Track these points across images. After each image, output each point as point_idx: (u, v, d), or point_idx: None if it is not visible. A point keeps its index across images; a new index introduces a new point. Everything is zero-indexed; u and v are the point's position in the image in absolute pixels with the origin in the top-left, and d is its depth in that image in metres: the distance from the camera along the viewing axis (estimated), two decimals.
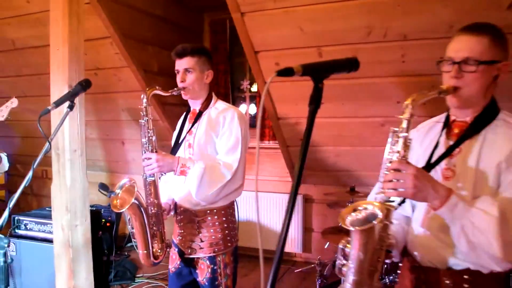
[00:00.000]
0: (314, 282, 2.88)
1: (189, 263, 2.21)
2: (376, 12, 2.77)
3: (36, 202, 5.57)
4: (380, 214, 1.17)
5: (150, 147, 2.08)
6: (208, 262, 2.15)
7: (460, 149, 1.35)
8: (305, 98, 3.60)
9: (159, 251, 2.17)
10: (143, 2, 3.78)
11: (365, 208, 1.21)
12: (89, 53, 3.84)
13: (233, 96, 4.89)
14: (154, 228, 2.15)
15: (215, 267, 2.15)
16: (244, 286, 3.77)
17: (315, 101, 1.01)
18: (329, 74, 1.04)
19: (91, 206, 4.05)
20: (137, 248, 2.15)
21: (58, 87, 2.64)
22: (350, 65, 1.09)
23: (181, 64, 2.17)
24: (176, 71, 2.20)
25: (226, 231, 2.18)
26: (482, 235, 1.20)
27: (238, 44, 4.70)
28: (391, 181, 1.24)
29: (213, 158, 2.14)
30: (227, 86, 4.75)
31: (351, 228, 1.17)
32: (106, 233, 3.73)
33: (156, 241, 2.16)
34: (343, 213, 1.21)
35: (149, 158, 2.05)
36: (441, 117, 1.49)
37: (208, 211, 2.15)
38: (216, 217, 2.16)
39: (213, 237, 2.15)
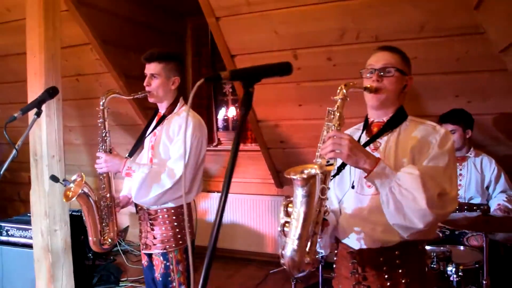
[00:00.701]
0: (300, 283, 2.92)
1: (149, 258, 2.31)
2: (348, 14, 2.82)
3: (23, 208, 5.57)
4: (319, 171, 1.28)
5: (104, 146, 2.24)
6: (161, 258, 2.24)
7: (379, 143, 1.58)
8: (284, 101, 3.66)
9: (110, 240, 2.29)
10: (123, 8, 3.82)
11: (308, 169, 1.30)
12: (70, 60, 3.89)
13: (215, 100, 4.92)
14: (106, 218, 2.27)
15: (168, 263, 2.23)
16: (228, 287, 3.81)
17: (245, 106, 1.04)
18: (260, 78, 1.07)
19: (76, 211, 4.09)
20: (87, 234, 2.28)
21: (36, 94, 2.65)
22: (282, 69, 1.12)
23: (148, 69, 2.25)
24: (144, 74, 2.28)
25: (177, 229, 2.25)
26: (408, 193, 1.37)
27: None
28: (328, 146, 1.39)
29: (164, 163, 2.21)
30: (210, 90, 4.79)
31: (296, 177, 1.26)
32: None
33: (107, 230, 2.28)
34: (289, 170, 1.30)
35: (100, 158, 2.20)
36: (360, 125, 1.74)
37: (159, 210, 2.24)
38: (167, 215, 2.24)
39: (164, 234, 2.23)
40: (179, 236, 2.26)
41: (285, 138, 3.83)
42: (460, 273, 2.21)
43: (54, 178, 2.30)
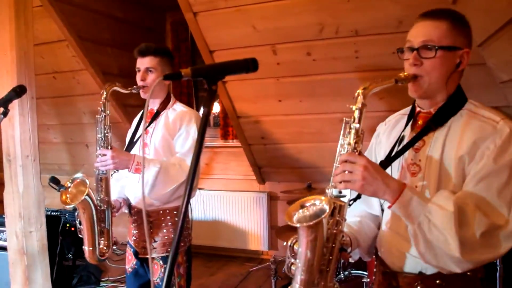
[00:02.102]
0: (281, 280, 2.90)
1: (143, 263, 2.23)
2: (327, 8, 2.79)
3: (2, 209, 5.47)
4: (327, 209, 1.09)
5: (105, 143, 2.06)
6: (161, 262, 2.15)
7: (424, 141, 1.28)
8: (264, 97, 3.61)
9: (105, 248, 2.15)
10: (100, 3, 3.73)
11: (313, 204, 1.13)
12: (47, 56, 3.81)
13: (196, 96, 4.87)
14: (102, 225, 2.13)
15: None
16: (210, 285, 3.78)
17: (208, 104, 1.00)
18: (223, 76, 1.04)
19: (55, 211, 4.02)
20: (83, 244, 2.13)
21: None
22: (247, 66, 1.06)
23: (143, 63, 2.14)
24: (137, 69, 2.17)
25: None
26: (439, 232, 1.10)
27: None
28: (339, 174, 1.16)
29: (168, 158, 2.14)
30: (190, 85, 4.73)
31: (297, 225, 1.09)
32: (69, 238, 3.69)
33: (103, 238, 2.14)
34: (290, 210, 1.14)
35: (104, 155, 2.02)
36: (408, 109, 1.41)
37: (161, 212, 2.16)
38: (168, 217, 2.16)
39: (166, 237, 2.15)
40: (180, 238, 2.19)
41: (265, 134, 3.80)
42: None
43: (54, 181, 2.15)
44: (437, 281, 1.21)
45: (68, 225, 3.94)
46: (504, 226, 1.10)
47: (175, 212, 2.17)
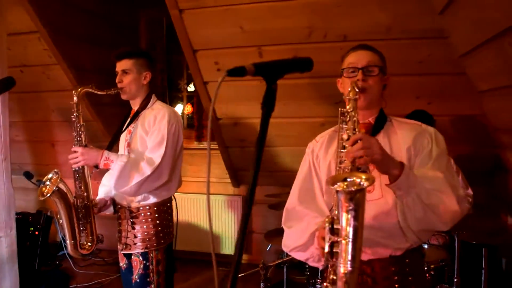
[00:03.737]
0: (257, 284, 2.86)
1: (128, 259, 2.25)
2: (317, 12, 2.79)
3: None
4: (366, 183, 1.11)
5: (79, 141, 2.18)
6: (141, 257, 2.19)
7: None
8: (246, 99, 3.57)
9: (89, 243, 2.25)
10: None
11: (353, 181, 1.13)
12: (14, 48, 3.56)
13: (170, 95, 4.76)
14: (83, 220, 2.21)
15: (147, 263, 2.18)
16: None
17: (268, 103, 0.95)
18: (283, 74, 1.00)
19: (18, 214, 3.77)
20: (64, 239, 2.23)
21: None
22: (303, 65, 1.08)
23: (119, 66, 2.25)
24: (116, 72, 2.26)
25: (159, 228, 2.22)
26: (436, 196, 1.31)
27: (175, 42, 4.58)
28: (358, 151, 1.27)
29: (141, 154, 2.20)
30: (164, 85, 4.61)
31: (341, 189, 1.09)
32: (35, 243, 3.47)
33: (85, 233, 2.23)
34: (335, 178, 1.14)
35: (76, 151, 2.14)
36: (332, 129, 1.68)
37: (141, 208, 2.21)
38: (149, 213, 2.21)
39: (146, 233, 2.20)
40: (160, 234, 2.23)
41: (245, 137, 3.75)
42: (432, 272, 2.25)
43: (28, 175, 2.17)
44: (406, 260, 1.43)
45: (31, 228, 3.73)
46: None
47: (155, 208, 2.22)
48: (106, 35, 3.93)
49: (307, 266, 2.71)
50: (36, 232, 3.57)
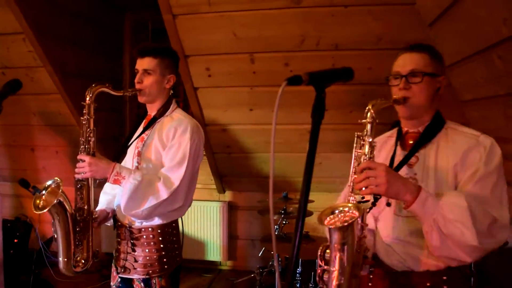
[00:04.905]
0: None
1: (126, 283, 2.05)
2: (311, 21, 2.83)
3: None
4: (357, 213, 1.18)
5: (87, 148, 1.91)
6: (142, 284, 1.99)
7: (417, 158, 1.46)
8: (235, 105, 3.56)
9: (83, 261, 1.99)
10: None
11: (342, 211, 1.20)
12: None
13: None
14: (80, 234, 1.97)
15: None
16: None
17: (319, 111, 0.98)
18: (331, 83, 1.03)
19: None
20: (57, 255, 1.95)
21: None
22: (348, 74, 1.13)
23: (141, 64, 2.01)
24: (135, 70, 2.04)
25: (163, 252, 1.99)
26: (454, 226, 1.25)
27: None
28: (363, 180, 1.28)
29: (155, 171, 1.97)
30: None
31: (330, 227, 1.16)
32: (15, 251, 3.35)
33: (80, 249, 1.97)
34: (322, 215, 1.20)
35: (83, 161, 1.88)
36: (393, 132, 1.62)
37: (143, 229, 1.98)
38: (152, 236, 1.98)
39: (148, 257, 1.97)
40: (164, 260, 1.99)
41: (232, 143, 3.75)
42: None
43: (23, 183, 1.95)
44: (443, 277, 1.37)
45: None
46: (499, 220, 1.29)
47: (159, 230, 1.99)
48: (91, 38, 3.85)
49: (299, 271, 2.72)
50: (15, 240, 3.44)
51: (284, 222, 3.21)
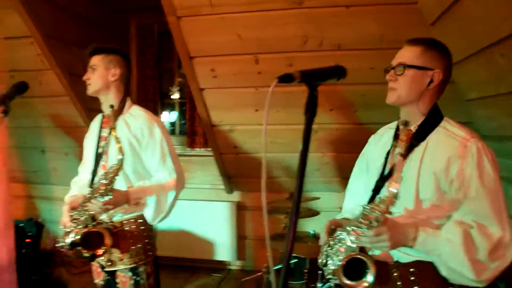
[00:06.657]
0: None
1: (110, 276, 2.14)
2: (313, 21, 2.84)
3: None
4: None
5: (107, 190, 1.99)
6: (130, 273, 2.10)
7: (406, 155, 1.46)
8: (241, 106, 3.58)
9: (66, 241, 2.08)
10: (66, 0, 3.54)
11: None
12: (3, 53, 3.53)
13: (161, 103, 4.76)
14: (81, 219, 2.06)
15: (138, 278, 2.10)
16: None
17: (311, 109, 1.00)
18: (323, 81, 1.05)
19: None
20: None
21: None
22: (340, 72, 1.14)
23: (89, 62, 2.20)
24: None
25: (146, 240, 2.16)
26: (455, 262, 1.31)
27: (167, 50, 4.59)
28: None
29: (150, 180, 2.16)
30: (156, 92, 4.60)
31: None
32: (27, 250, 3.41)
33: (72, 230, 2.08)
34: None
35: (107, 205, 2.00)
36: (395, 124, 1.63)
37: (125, 222, 2.12)
38: (134, 226, 2.13)
39: (133, 247, 2.10)
40: (148, 247, 2.15)
41: (238, 143, 3.78)
42: None
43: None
44: (411, 269, 1.42)
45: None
46: (503, 236, 1.29)
47: (140, 220, 2.15)
48: (97, 41, 3.89)
49: (306, 270, 2.74)
50: (28, 240, 3.51)
51: None
